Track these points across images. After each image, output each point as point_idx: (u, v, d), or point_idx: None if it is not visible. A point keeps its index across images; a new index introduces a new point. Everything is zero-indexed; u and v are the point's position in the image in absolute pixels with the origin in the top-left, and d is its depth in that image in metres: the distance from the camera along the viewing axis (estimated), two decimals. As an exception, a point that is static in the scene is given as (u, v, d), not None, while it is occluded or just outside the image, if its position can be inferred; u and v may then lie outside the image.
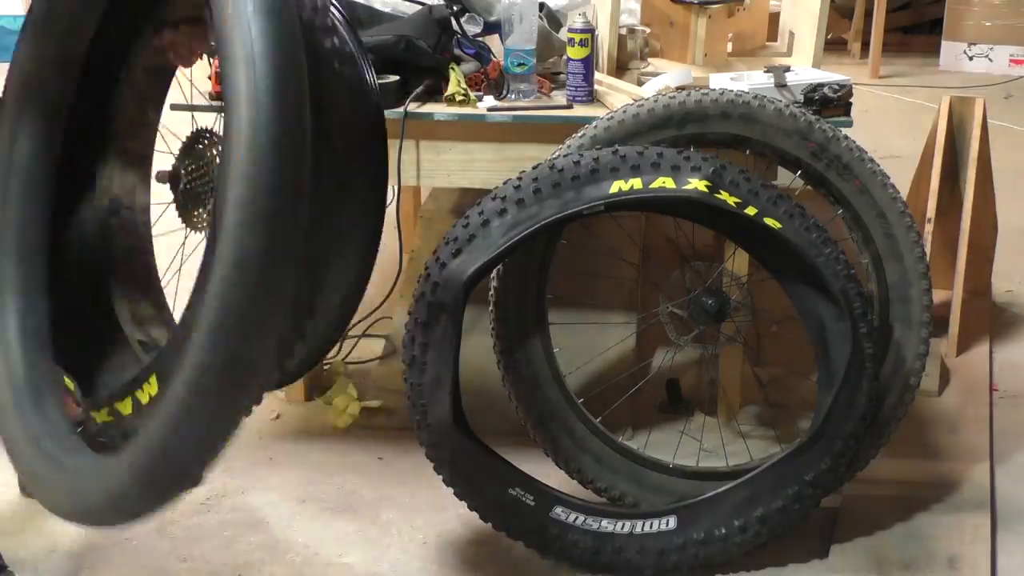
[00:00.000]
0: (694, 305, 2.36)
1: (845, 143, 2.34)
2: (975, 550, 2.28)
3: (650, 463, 2.35)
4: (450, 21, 2.63)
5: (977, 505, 2.43)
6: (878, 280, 2.38)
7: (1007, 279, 3.71)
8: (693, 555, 2.23)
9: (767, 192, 2.22)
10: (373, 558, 2.30)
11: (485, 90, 2.60)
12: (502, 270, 2.30)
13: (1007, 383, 3.05)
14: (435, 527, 2.39)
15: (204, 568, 2.27)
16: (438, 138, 2.53)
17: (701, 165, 2.18)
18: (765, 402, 2.80)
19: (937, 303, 2.64)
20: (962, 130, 3.25)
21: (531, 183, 2.17)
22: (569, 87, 2.58)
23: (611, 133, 2.29)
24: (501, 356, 2.33)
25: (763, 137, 2.32)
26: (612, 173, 2.17)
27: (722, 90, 2.33)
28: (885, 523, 2.36)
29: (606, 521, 2.24)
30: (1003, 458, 2.67)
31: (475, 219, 2.17)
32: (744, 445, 2.59)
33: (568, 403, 2.34)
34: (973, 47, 7.00)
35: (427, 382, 2.16)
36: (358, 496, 2.51)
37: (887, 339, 2.37)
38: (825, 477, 2.26)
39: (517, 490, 2.22)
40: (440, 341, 2.14)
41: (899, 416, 2.39)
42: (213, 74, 2.47)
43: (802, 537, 2.32)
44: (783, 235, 2.20)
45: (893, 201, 2.36)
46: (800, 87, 2.49)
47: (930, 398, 2.89)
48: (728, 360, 2.74)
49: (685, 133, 2.30)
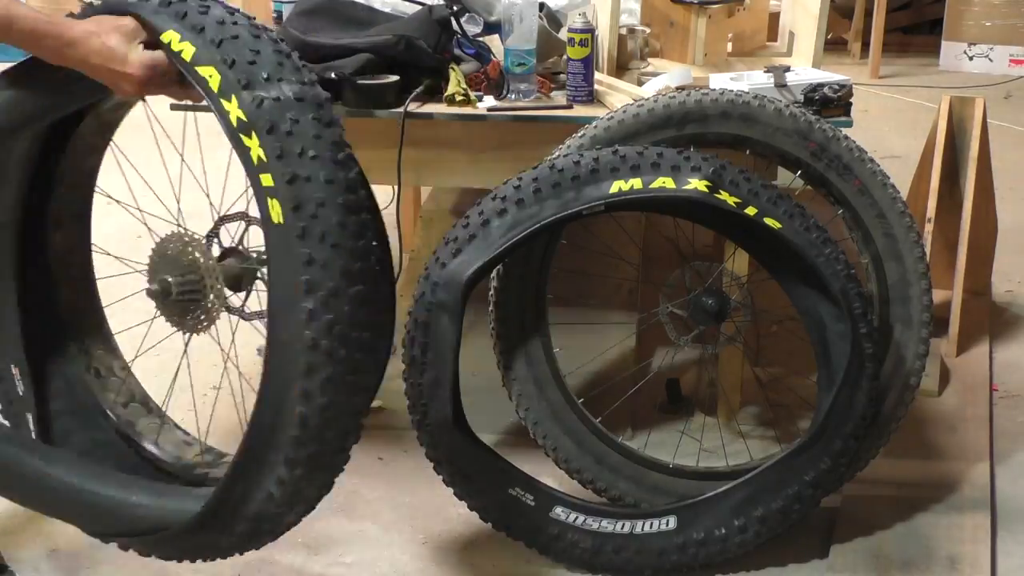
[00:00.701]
0: (694, 305, 2.36)
1: (845, 143, 2.34)
2: (975, 550, 2.28)
3: (650, 463, 2.35)
4: (450, 21, 2.62)
5: (977, 505, 2.43)
6: (878, 280, 2.38)
7: (1007, 279, 3.71)
8: (693, 555, 2.23)
9: (767, 192, 2.22)
10: (373, 558, 2.30)
11: (485, 90, 2.59)
12: (502, 270, 2.30)
13: (1007, 383, 3.05)
14: (435, 527, 2.39)
15: (204, 568, 2.26)
16: (438, 138, 2.53)
17: (701, 165, 2.18)
18: (765, 402, 2.80)
19: (937, 303, 2.64)
20: (962, 130, 3.24)
21: (531, 183, 2.17)
22: (569, 87, 2.57)
23: (611, 133, 2.29)
24: (501, 356, 2.33)
25: (763, 137, 2.32)
26: (612, 173, 2.17)
27: (722, 90, 2.33)
28: (885, 523, 2.36)
29: (606, 521, 2.24)
30: (1003, 458, 2.67)
31: (475, 219, 2.17)
32: (744, 445, 2.59)
33: (568, 403, 2.34)
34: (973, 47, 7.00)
35: (427, 382, 2.16)
36: (358, 496, 2.51)
37: (887, 339, 2.37)
38: (825, 477, 2.26)
39: (517, 490, 2.22)
40: (440, 341, 2.14)
41: (899, 416, 2.39)
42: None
43: (802, 537, 2.32)
44: (783, 235, 2.20)
45: (893, 201, 2.36)
46: (800, 87, 2.49)
47: (930, 398, 2.89)
48: (728, 360, 2.74)
49: (685, 133, 2.30)
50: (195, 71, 1.76)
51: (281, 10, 2.96)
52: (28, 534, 2.36)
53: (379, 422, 2.78)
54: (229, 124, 1.74)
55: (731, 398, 2.76)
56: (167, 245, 1.98)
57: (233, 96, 1.73)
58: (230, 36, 1.76)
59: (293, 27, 2.62)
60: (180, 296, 1.95)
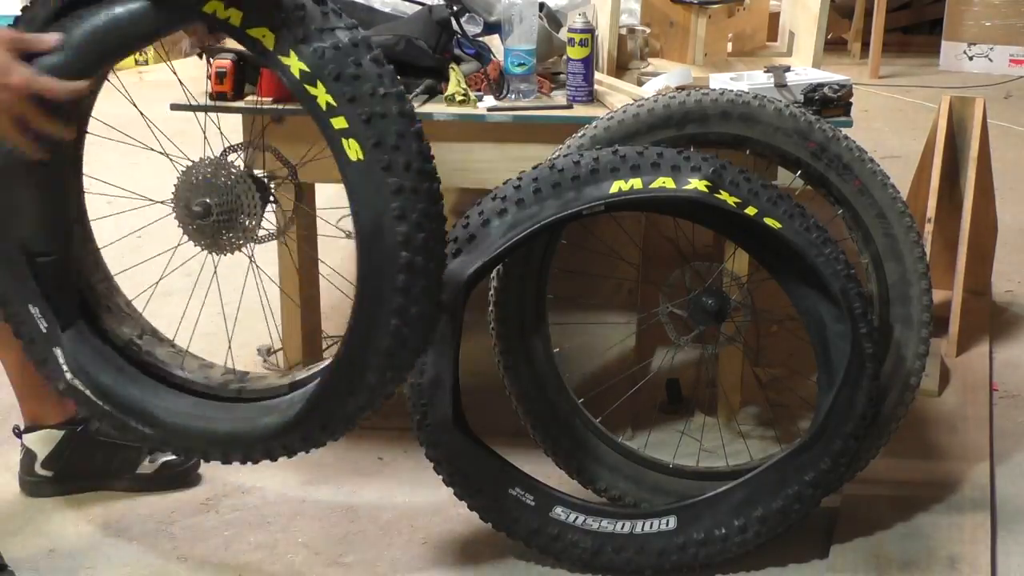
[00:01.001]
0: (694, 305, 2.36)
1: (845, 143, 2.34)
2: (975, 550, 2.28)
3: (650, 463, 2.35)
4: (450, 21, 2.62)
5: (977, 505, 2.43)
6: (878, 280, 2.38)
7: (1007, 279, 3.71)
8: (693, 555, 2.23)
9: (767, 192, 2.22)
10: (373, 558, 2.30)
11: (485, 90, 2.59)
12: (502, 270, 2.30)
13: (1007, 383, 3.05)
14: (435, 527, 2.39)
15: (204, 568, 2.27)
16: (438, 138, 2.52)
17: (701, 165, 2.18)
18: (765, 402, 2.80)
19: (937, 303, 2.64)
20: (962, 130, 3.24)
21: (531, 183, 2.17)
22: (569, 87, 2.57)
23: (611, 133, 2.29)
24: (501, 356, 2.33)
25: (763, 137, 2.32)
26: (612, 173, 2.17)
27: (722, 90, 2.33)
28: (885, 523, 2.36)
29: (606, 521, 2.24)
30: (1003, 458, 2.67)
31: (475, 219, 2.17)
32: (744, 445, 2.59)
33: (568, 403, 2.34)
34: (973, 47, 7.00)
35: (427, 382, 2.16)
36: (358, 496, 2.51)
37: (887, 339, 2.37)
38: (825, 477, 2.26)
39: (517, 490, 2.22)
40: (440, 341, 2.14)
41: (899, 416, 2.39)
42: (212, 74, 2.47)
43: (802, 537, 2.32)
44: (783, 235, 2.20)
45: (893, 201, 2.35)
46: (800, 87, 2.49)
47: (930, 398, 2.89)
48: (728, 360, 2.74)
49: (685, 133, 2.30)
50: (247, 33, 1.88)
51: (281, 10, 2.95)
52: (28, 534, 2.36)
53: (379, 422, 2.78)
54: (292, 77, 1.88)
55: (731, 398, 2.76)
56: (195, 172, 2.11)
57: (291, 51, 1.87)
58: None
59: (293, 27, 2.62)
60: (218, 217, 2.10)
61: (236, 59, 2.49)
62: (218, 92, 2.48)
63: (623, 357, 2.84)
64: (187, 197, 2.12)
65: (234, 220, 2.11)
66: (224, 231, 2.12)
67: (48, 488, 2.48)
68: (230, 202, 2.11)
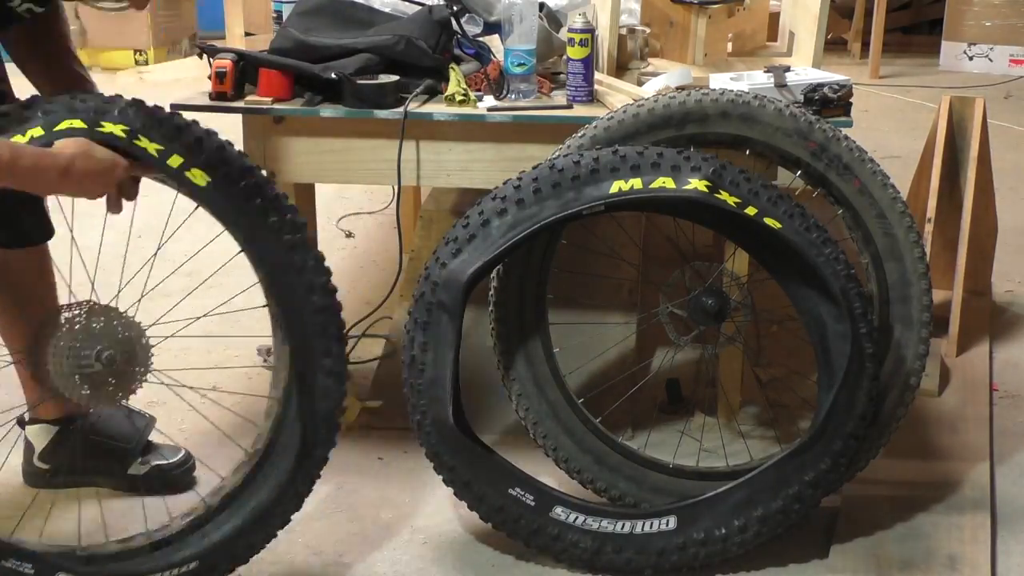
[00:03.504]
0: (694, 305, 2.36)
1: (845, 143, 2.34)
2: (975, 550, 2.28)
3: (650, 463, 2.35)
4: (450, 21, 2.63)
5: (977, 505, 2.43)
6: (878, 280, 2.38)
7: (1007, 279, 3.71)
8: (693, 555, 2.23)
9: (767, 192, 2.22)
10: (373, 558, 2.30)
11: (485, 90, 2.59)
12: (502, 270, 2.30)
13: (1007, 383, 3.05)
14: (435, 527, 2.39)
15: (204, 568, 2.26)
16: (438, 138, 2.53)
17: (701, 165, 2.18)
18: (765, 402, 2.80)
19: (937, 303, 2.64)
20: (962, 130, 3.25)
21: (531, 183, 2.17)
22: (569, 87, 2.57)
23: (611, 133, 2.29)
24: (501, 356, 2.33)
25: (763, 137, 2.32)
26: (612, 173, 2.17)
27: (722, 90, 2.33)
28: (885, 523, 2.36)
29: (606, 521, 2.24)
30: (1003, 458, 2.67)
31: (475, 219, 2.17)
32: (744, 445, 2.59)
33: (568, 403, 2.34)
34: (973, 47, 7.01)
35: (427, 382, 2.16)
36: (358, 496, 2.51)
37: (887, 339, 2.37)
38: (825, 477, 2.26)
39: (517, 490, 2.22)
40: (440, 341, 2.14)
41: (899, 416, 2.39)
42: (212, 74, 2.47)
43: (802, 537, 2.32)
44: (783, 235, 2.20)
45: (893, 201, 2.36)
46: (800, 87, 2.49)
47: (930, 398, 2.89)
48: (728, 360, 2.74)
49: (685, 133, 2.30)
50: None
51: (281, 10, 2.96)
52: (27, 534, 2.36)
53: (379, 422, 2.78)
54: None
55: (731, 398, 2.76)
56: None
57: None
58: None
59: (293, 27, 2.62)
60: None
61: (236, 59, 2.49)
62: (218, 92, 2.48)
63: (623, 357, 2.84)
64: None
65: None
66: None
67: (44, 481, 2.49)
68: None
